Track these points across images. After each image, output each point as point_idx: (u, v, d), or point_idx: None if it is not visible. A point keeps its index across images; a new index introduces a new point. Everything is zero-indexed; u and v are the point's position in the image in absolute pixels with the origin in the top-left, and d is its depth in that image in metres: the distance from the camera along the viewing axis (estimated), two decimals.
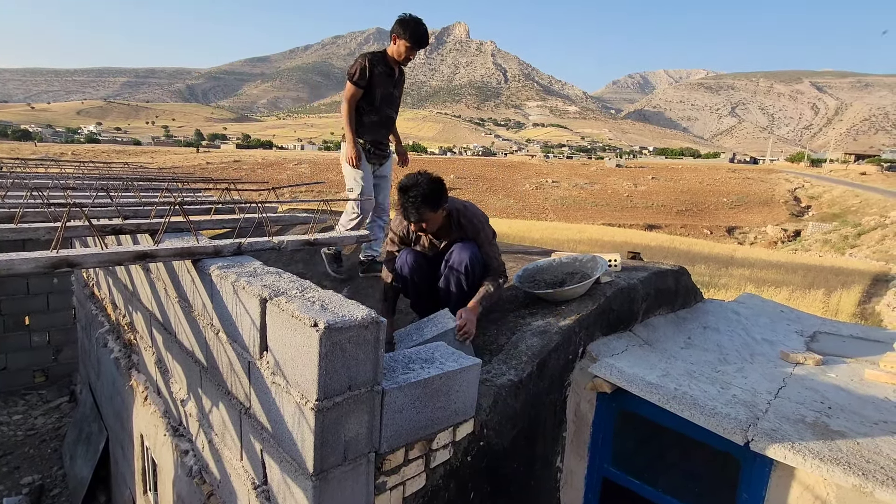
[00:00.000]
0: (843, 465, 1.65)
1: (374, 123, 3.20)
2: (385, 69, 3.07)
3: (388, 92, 3.15)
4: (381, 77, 3.07)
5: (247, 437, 1.74)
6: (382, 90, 3.10)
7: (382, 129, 3.26)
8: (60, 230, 1.74)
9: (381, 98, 3.12)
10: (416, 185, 2.21)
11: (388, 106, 3.22)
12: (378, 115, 3.18)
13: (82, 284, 4.74)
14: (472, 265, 2.32)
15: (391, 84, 3.15)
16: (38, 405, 5.48)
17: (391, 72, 3.11)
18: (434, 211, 2.26)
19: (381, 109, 3.17)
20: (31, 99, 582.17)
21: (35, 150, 60.11)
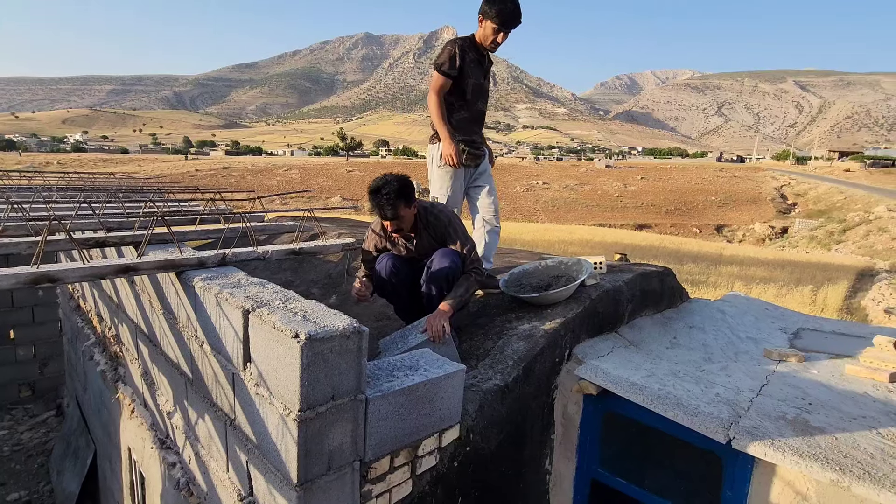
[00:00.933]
0: (821, 460, 1.68)
1: (466, 120, 2.82)
2: (476, 56, 2.72)
3: (480, 83, 2.80)
4: (473, 66, 2.72)
5: (232, 448, 1.74)
6: (474, 81, 2.75)
7: (475, 125, 2.88)
8: (41, 245, 1.73)
9: (473, 90, 2.77)
10: (386, 183, 2.28)
11: (480, 99, 2.85)
12: (470, 110, 2.81)
13: (68, 297, 4.69)
14: (453, 271, 2.36)
15: (482, 73, 2.79)
16: (24, 420, 5.40)
17: (481, 59, 2.77)
18: (408, 206, 2.32)
19: (473, 103, 2.81)
20: (14, 108, 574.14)
21: (20, 160, 59.29)
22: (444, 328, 2.18)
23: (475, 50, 2.73)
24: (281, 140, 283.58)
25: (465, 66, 2.68)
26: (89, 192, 4.77)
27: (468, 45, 2.71)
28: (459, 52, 2.66)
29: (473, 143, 2.88)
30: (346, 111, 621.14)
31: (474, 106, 2.82)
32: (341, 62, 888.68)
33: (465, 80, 2.72)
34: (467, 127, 2.83)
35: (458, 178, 2.87)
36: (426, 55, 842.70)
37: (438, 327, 2.18)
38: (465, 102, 2.79)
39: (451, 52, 2.69)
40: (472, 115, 2.83)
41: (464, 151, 2.80)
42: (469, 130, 2.84)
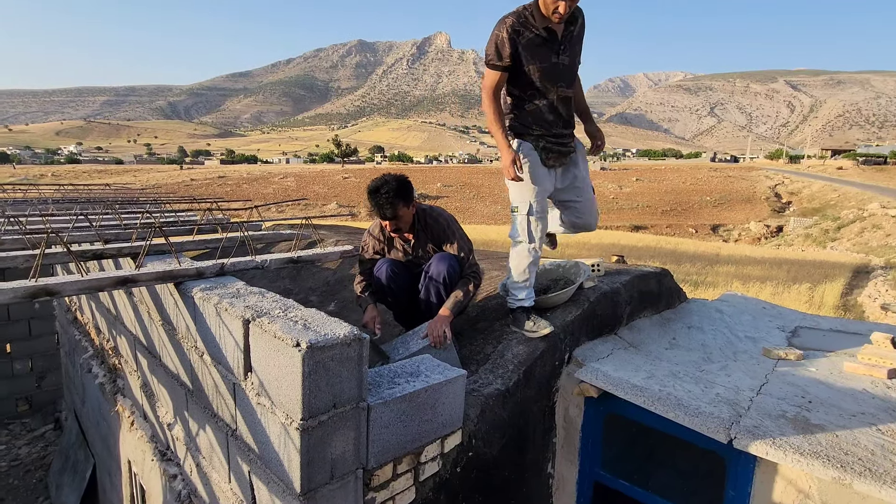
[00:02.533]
0: (822, 458, 1.69)
1: (541, 110, 2.28)
2: (537, 32, 2.14)
3: (551, 63, 2.20)
4: (533, 45, 2.16)
5: (234, 459, 1.73)
6: (540, 62, 2.18)
7: (555, 113, 2.30)
8: (38, 258, 1.73)
9: (543, 73, 2.20)
10: (385, 183, 2.29)
11: (557, 80, 2.24)
12: (544, 96, 2.26)
13: (65, 309, 4.67)
14: (451, 275, 2.36)
15: (552, 50, 2.18)
16: (21, 434, 5.35)
17: (549, 34, 2.16)
18: (407, 206, 2.33)
19: (547, 88, 2.24)
20: (8, 121, 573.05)
21: (14, 172, 59.10)
22: (446, 333, 2.19)
23: (536, 25, 2.14)
24: (276, 148, 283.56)
25: (521, 49, 2.16)
26: (85, 203, 4.76)
27: (523, 20, 2.14)
28: (509, 35, 2.13)
29: (557, 137, 2.33)
30: (341, 118, 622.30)
31: (550, 92, 2.25)
32: (335, 69, 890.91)
33: (525, 65, 2.19)
34: (544, 119, 2.29)
35: (541, 183, 2.32)
36: (419, 61, 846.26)
37: (439, 333, 2.18)
38: (535, 90, 2.25)
39: (497, 37, 2.17)
40: (548, 101, 2.27)
41: (543, 150, 2.30)
42: (547, 123, 2.29)
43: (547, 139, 2.31)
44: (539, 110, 2.29)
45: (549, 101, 2.28)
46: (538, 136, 2.30)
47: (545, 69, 2.20)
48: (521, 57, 2.17)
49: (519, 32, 2.14)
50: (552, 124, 2.31)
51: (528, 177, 2.28)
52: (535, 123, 2.30)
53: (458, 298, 2.33)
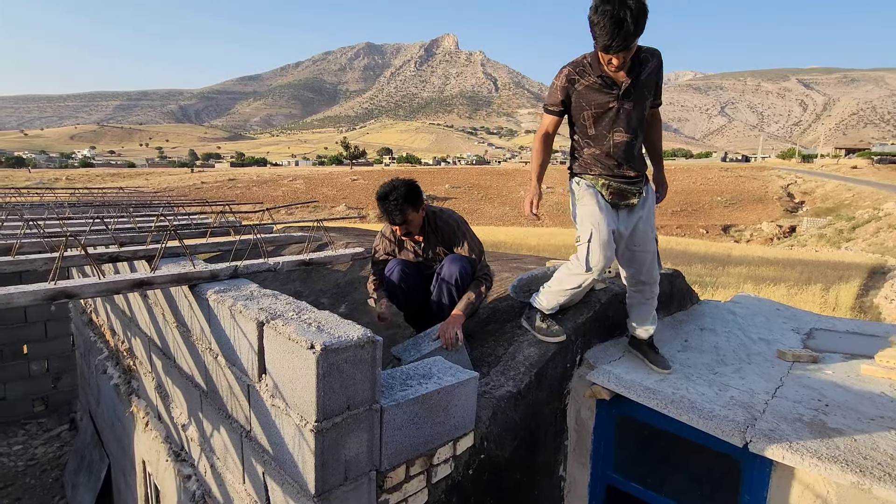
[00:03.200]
0: (840, 462, 1.66)
1: (600, 156, 2.24)
2: (597, 79, 2.13)
3: (608, 108, 2.17)
4: (591, 90, 2.15)
5: (248, 460, 1.75)
6: (595, 108, 2.18)
7: (615, 160, 2.23)
8: (58, 261, 1.76)
9: (597, 119, 2.19)
10: (394, 188, 2.31)
11: (613, 126, 2.19)
12: (599, 143, 2.23)
13: (80, 311, 4.74)
14: (463, 277, 2.38)
15: (611, 95, 2.14)
16: (38, 434, 5.44)
17: (607, 80, 2.12)
18: (416, 210, 2.36)
19: (602, 133, 2.21)
20: (24, 126, 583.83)
21: (29, 176, 60.19)
22: (458, 335, 2.20)
23: (593, 72, 2.13)
24: (285, 150, 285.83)
25: (575, 96, 2.19)
26: (100, 207, 4.84)
27: (580, 69, 2.15)
28: (566, 82, 2.17)
29: (621, 180, 2.25)
30: (350, 120, 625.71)
31: (606, 138, 2.22)
32: (343, 72, 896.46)
33: (580, 112, 2.21)
34: (604, 163, 2.26)
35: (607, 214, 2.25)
36: (427, 63, 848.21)
37: (452, 334, 2.20)
38: (590, 137, 2.24)
39: (553, 85, 2.23)
40: (604, 149, 2.23)
41: (604, 187, 2.25)
42: (608, 167, 2.25)
43: (607, 177, 2.27)
44: (595, 156, 2.27)
45: (606, 147, 2.25)
46: (597, 175, 2.27)
47: (599, 115, 2.19)
48: (574, 103, 2.21)
49: (574, 81, 2.17)
50: (613, 169, 2.26)
51: (589, 207, 2.25)
52: (594, 165, 2.29)
53: (470, 300, 2.34)
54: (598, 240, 2.20)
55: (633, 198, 2.29)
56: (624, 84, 2.13)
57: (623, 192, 2.27)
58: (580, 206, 2.30)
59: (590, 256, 2.22)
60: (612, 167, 2.25)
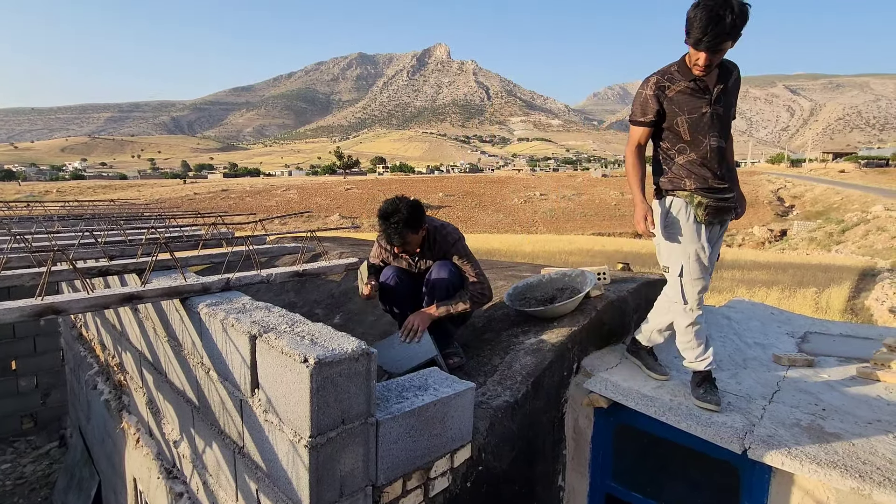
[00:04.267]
0: (839, 468, 1.66)
1: (694, 164, 2.14)
2: (689, 84, 2.09)
3: (702, 114, 2.10)
4: (683, 95, 2.10)
5: (241, 477, 1.71)
6: (689, 113, 2.11)
7: (708, 166, 2.14)
8: (44, 277, 1.73)
9: (692, 124, 2.12)
10: (396, 210, 2.30)
11: (711, 132, 2.12)
12: (696, 148, 2.13)
13: (70, 326, 4.67)
14: (451, 283, 2.39)
15: (704, 100, 2.09)
16: (26, 452, 5.32)
17: (699, 85, 2.08)
18: (416, 232, 2.36)
19: (698, 139, 2.12)
20: (13, 138, 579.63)
21: (19, 189, 59.65)
22: (416, 327, 2.29)
23: (685, 76, 2.09)
24: (278, 161, 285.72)
25: (667, 104, 2.13)
26: (90, 219, 4.79)
27: (668, 77, 2.12)
28: (653, 93, 2.13)
29: (712, 192, 2.14)
30: (343, 130, 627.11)
31: (702, 144, 2.13)
32: (336, 82, 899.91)
33: (673, 118, 2.14)
34: (699, 171, 2.15)
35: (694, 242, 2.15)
36: (420, 72, 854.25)
37: (409, 325, 2.30)
38: (685, 144, 2.16)
39: (640, 95, 2.18)
40: (700, 155, 2.14)
41: (699, 206, 2.13)
42: (702, 176, 2.14)
43: (703, 193, 2.14)
44: (690, 162, 2.16)
45: (702, 153, 2.14)
46: (692, 191, 2.15)
47: (694, 120, 2.11)
48: (667, 110, 2.14)
49: (664, 87, 2.12)
50: (707, 178, 2.14)
51: (679, 235, 2.17)
52: (687, 177, 2.16)
53: (449, 305, 2.37)
54: (689, 274, 2.15)
55: (727, 213, 2.18)
56: (716, 89, 2.09)
57: (719, 210, 2.15)
58: (668, 231, 2.19)
59: (684, 291, 2.16)
60: (707, 178, 2.13)
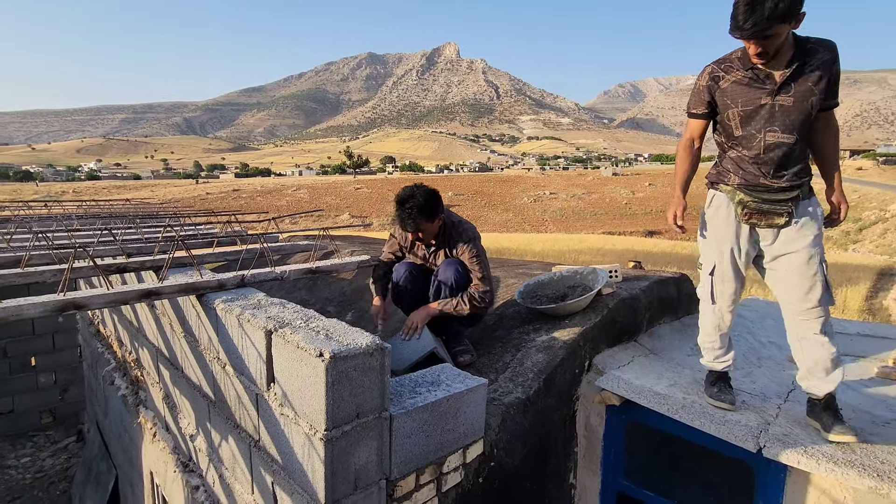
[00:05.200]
0: (857, 467, 1.64)
1: (745, 161, 1.96)
2: (746, 73, 1.90)
3: (758, 104, 1.89)
4: (738, 86, 1.92)
5: (257, 470, 1.74)
6: (743, 105, 1.92)
7: (761, 163, 1.92)
8: (67, 273, 1.77)
9: (744, 116, 1.93)
10: (412, 196, 2.32)
11: (765, 124, 1.89)
12: (748, 145, 1.94)
13: (87, 322, 4.76)
14: (458, 281, 2.40)
15: (765, 91, 1.87)
16: (46, 446, 5.44)
17: (758, 74, 1.87)
18: (430, 221, 2.36)
19: (751, 136, 1.92)
20: (31, 140, 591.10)
21: (37, 190, 60.84)
22: (416, 325, 2.33)
23: (742, 66, 1.91)
24: (289, 161, 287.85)
25: (719, 95, 1.97)
26: (107, 218, 4.87)
27: (726, 66, 1.94)
28: (706, 84, 1.98)
29: (757, 191, 1.93)
30: (352, 130, 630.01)
31: (755, 138, 1.91)
32: (346, 82, 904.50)
33: (725, 111, 1.97)
34: (747, 168, 1.96)
35: (727, 242, 2.01)
36: (429, 72, 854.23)
37: (409, 322, 2.34)
38: (736, 138, 1.97)
39: (695, 86, 2.04)
40: (752, 152, 1.93)
41: (739, 204, 1.97)
42: (748, 173, 1.96)
43: (746, 191, 1.96)
44: (740, 158, 1.98)
45: (756, 149, 1.93)
46: (735, 186, 1.98)
47: (748, 112, 1.91)
48: (720, 102, 1.97)
49: (718, 78, 1.95)
50: (756, 175, 1.94)
51: (715, 231, 2.05)
52: (734, 172, 2.00)
53: (451, 303, 2.38)
54: (721, 274, 2.02)
55: (778, 217, 1.92)
56: (780, 77, 1.83)
57: (764, 212, 1.93)
58: (709, 225, 2.08)
59: (713, 290, 2.06)
60: (756, 176, 1.93)
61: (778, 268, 1.96)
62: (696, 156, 2.10)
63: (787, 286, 1.93)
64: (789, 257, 1.91)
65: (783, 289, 1.96)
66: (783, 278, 1.94)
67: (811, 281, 1.88)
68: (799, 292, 1.90)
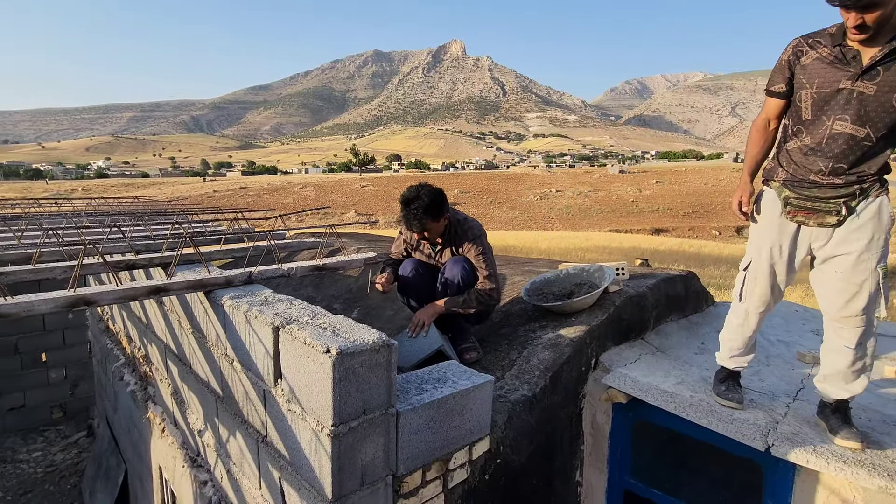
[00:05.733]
0: (867, 466, 1.62)
1: (804, 150, 1.77)
2: (832, 50, 1.67)
3: (836, 88, 1.67)
4: (819, 64, 1.70)
5: (264, 465, 1.75)
6: (818, 87, 1.70)
7: (818, 154, 1.73)
8: (77, 269, 1.78)
9: (816, 100, 1.72)
10: (417, 197, 2.32)
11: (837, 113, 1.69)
12: (812, 132, 1.75)
13: (97, 319, 4.81)
14: (464, 279, 2.40)
15: (846, 73, 1.65)
16: (56, 441, 5.51)
17: (845, 53, 1.65)
18: (436, 220, 2.37)
19: (819, 121, 1.72)
20: (41, 138, 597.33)
21: (47, 188, 61.51)
22: (422, 322, 2.32)
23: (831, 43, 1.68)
24: (295, 158, 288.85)
25: (798, 69, 1.75)
26: (116, 216, 4.92)
27: (813, 40, 1.72)
28: (787, 59, 1.77)
29: (803, 187, 1.78)
30: (358, 128, 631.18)
31: (821, 126, 1.71)
32: (352, 80, 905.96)
33: (799, 91, 1.76)
34: (801, 160, 1.78)
35: (769, 238, 1.88)
36: (435, 69, 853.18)
37: (416, 320, 2.33)
38: (802, 124, 1.77)
39: (779, 60, 1.82)
40: (815, 140, 1.73)
41: (784, 202, 1.82)
42: (803, 166, 1.77)
43: (790, 187, 1.81)
44: (797, 149, 1.79)
45: (819, 137, 1.72)
46: (781, 182, 1.84)
47: (821, 96, 1.70)
48: (796, 81, 1.77)
49: (801, 53, 1.74)
50: (807, 170, 1.76)
51: (756, 228, 1.94)
52: (785, 165, 1.83)
53: (457, 301, 2.38)
54: (754, 271, 1.91)
55: (828, 216, 1.74)
56: (869, 59, 1.60)
57: (811, 209, 1.77)
58: (755, 220, 1.95)
59: (744, 287, 1.96)
60: (807, 170, 1.76)
61: (826, 270, 1.79)
62: (770, 138, 1.91)
63: (829, 291, 1.78)
64: (838, 259, 1.74)
65: (824, 293, 1.80)
66: (827, 282, 1.78)
67: (856, 288, 1.71)
68: (840, 299, 1.75)
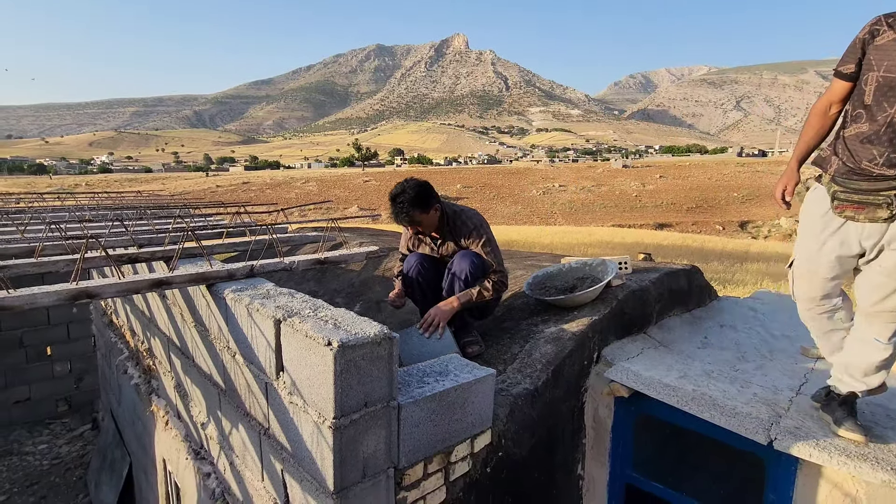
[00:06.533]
0: (870, 460, 1.61)
1: (860, 138, 1.67)
2: None
3: None
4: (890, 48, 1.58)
5: (267, 457, 1.76)
6: (886, 70, 1.58)
7: (875, 143, 1.63)
8: (79, 262, 1.79)
9: (881, 84, 1.60)
10: (402, 191, 2.32)
11: None
12: (871, 118, 1.63)
13: (101, 313, 4.83)
14: (472, 273, 2.38)
15: None
16: (62, 434, 5.56)
17: None
18: (425, 212, 2.35)
19: (881, 106, 1.61)
20: (44, 133, 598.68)
21: (50, 182, 61.73)
22: (438, 323, 2.29)
23: None
24: (298, 153, 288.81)
25: (870, 49, 1.61)
26: (119, 210, 4.93)
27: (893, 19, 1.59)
28: (861, 38, 1.63)
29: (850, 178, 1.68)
30: (361, 122, 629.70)
31: (882, 113, 1.60)
32: (354, 74, 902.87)
33: (866, 73, 1.64)
34: (856, 149, 1.66)
35: (815, 235, 1.80)
36: (438, 63, 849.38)
37: (430, 319, 2.30)
38: (862, 110, 1.66)
39: (854, 40, 1.68)
40: (874, 127, 1.62)
41: (832, 196, 1.73)
42: (852, 157, 1.67)
43: (841, 179, 1.70)
44: (852, 137, 1.68)
45: (878, 123, 1.61)
46: (833, 174, 1.73)
47: (887, 80, 1.58)
48: (865, 63, 1.65)
49: (877, 33, 1.60)
50: (859, 157, 1.65)
51: (802, 223, 1.88)
52: (839, 153, 1.72)
53: (470, 295, 2.37)
54: (798, 268, 1.87)
55: (879, 209, 1.63)
56: None
57: (859, 202, 1.66)
58: (802, 214, 1.86)
59: (793, 284, 1.91)
60: (859, 158, 1.64)
61: (872, 265, 1.68)
62: (828, 125, 1.79)
63: (868, 285, 1.69)
64: (885, 254, 1.64)
65: (863, 286, 1.70)
66: (868, 277, 1.69)
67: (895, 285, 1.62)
68: (876, 294, 1.66)
